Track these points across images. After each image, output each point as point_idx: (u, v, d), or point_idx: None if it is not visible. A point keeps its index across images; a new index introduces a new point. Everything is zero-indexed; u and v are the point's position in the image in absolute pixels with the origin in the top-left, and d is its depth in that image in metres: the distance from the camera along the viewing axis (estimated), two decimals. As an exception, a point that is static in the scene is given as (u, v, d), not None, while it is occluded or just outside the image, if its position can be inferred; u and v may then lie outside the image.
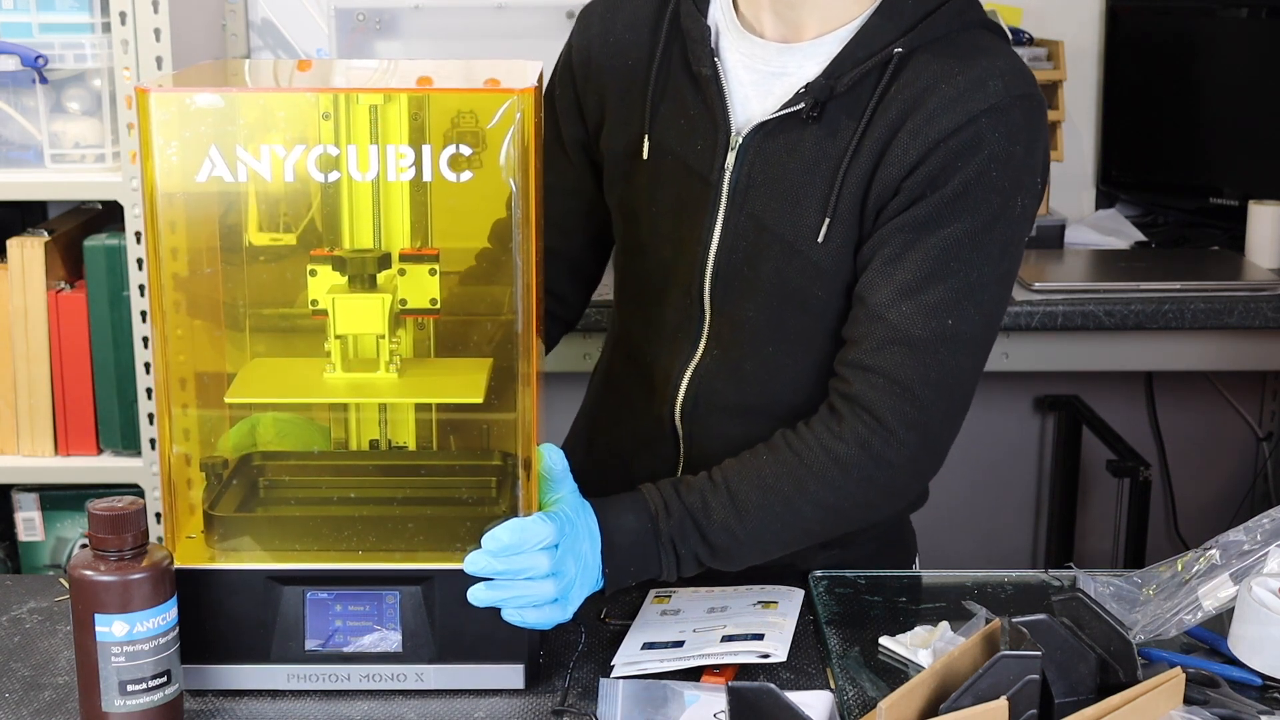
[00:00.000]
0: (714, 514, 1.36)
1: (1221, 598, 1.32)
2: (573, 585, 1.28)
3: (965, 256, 1.37)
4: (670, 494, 1.37)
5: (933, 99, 1.37)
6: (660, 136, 1.48)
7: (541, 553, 1.26)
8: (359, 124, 1.27)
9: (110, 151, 2.34)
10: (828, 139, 1.41)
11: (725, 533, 1.37)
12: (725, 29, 1.47)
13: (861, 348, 1.39)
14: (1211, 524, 3.03)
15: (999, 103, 1.36)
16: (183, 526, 1.30)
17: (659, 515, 1.35)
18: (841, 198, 1.40)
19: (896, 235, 1.38)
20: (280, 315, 1.36)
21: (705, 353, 1.50)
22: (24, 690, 1.28)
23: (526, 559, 1.25)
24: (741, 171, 1.44)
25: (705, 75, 1.45)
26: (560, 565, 1.27)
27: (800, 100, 1.40)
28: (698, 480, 1.39)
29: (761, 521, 1.37)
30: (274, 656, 1.27)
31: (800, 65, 1.43)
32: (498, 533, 1.24)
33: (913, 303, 1.37)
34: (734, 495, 1.37)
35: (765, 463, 1.39)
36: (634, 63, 1.51)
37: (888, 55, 1.39)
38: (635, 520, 1.35)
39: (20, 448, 2.42)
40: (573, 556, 1.28)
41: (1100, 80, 3.13)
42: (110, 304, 2.37)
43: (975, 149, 1.36)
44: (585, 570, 1.30)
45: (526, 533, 1.25)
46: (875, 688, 1.28)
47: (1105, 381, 3.16)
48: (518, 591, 1.25)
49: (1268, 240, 2.75)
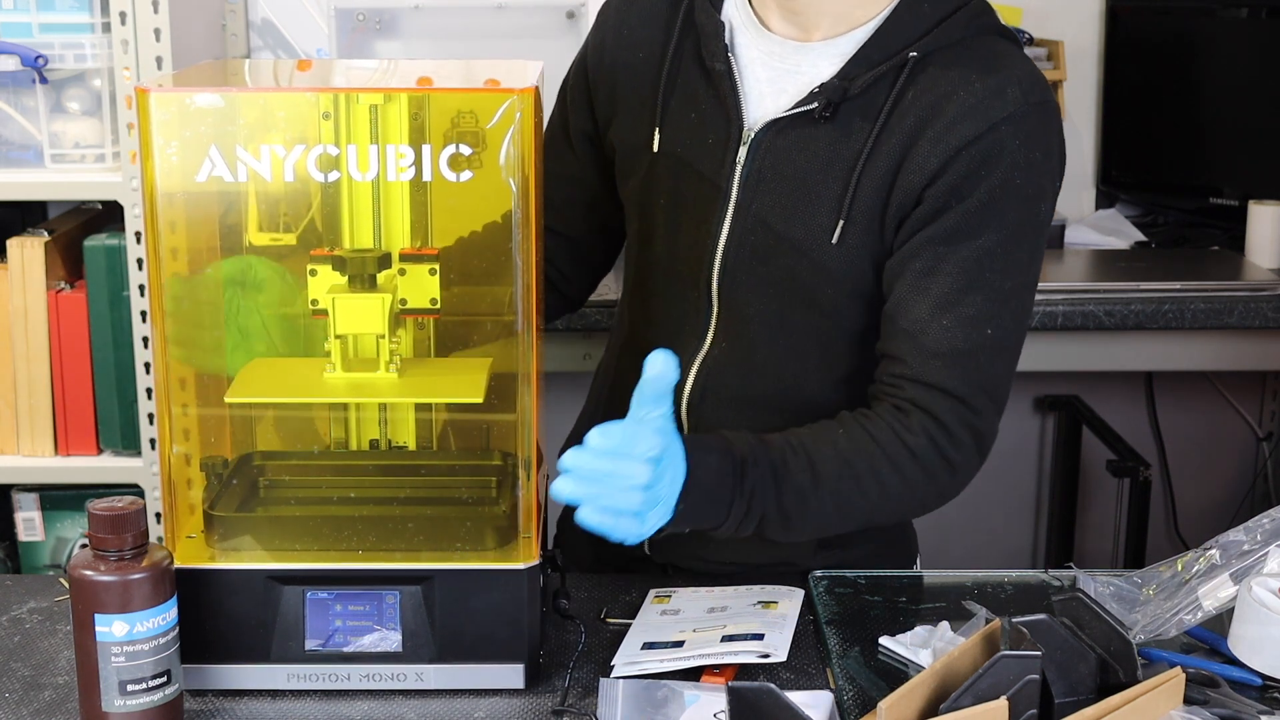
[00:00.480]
0: (793, 475, 1.35)
1: (1221, 598, 1.32)
2: (657, 504, 1.25)
3: (998, 266, 1.38)
4: (757, 446, 1.35)
5: (952, 106, 1.37)
6: (671, 131, 1.49)
7: (645, 463, 1.22)
8: (359, 124, 1.27)
9: (110, 151, 2.34)
10: (841, 140, 1.41)
11: (798, 497, 1.35)
12: (741, 25, 1.47)
13: (908, 364, 1.39)
14: (1211, 524, 3.03)
15: (1017, 110, 1.37)
16: (183, 526, 1.30)
17: (746, 463, 1.33)
18: (856, 200, 1.40)
19: (927, 249, 1.38)
20: (280, 315, 1.37)
21: (713, 345, 1.50)
22: (24, 690, 1.28)
23: (630, 465, 1.21)
24: (752, 168, 1.44)
25: (719, 70, 1.45)
26: (657, 479, 1.24)
27: (814, 100, 1.41)
28: (778, 439, 1.37)
29: (831, 493, 1.36)
30: (274, 656, 1.27)
31: (815, 64, 1.43)
32: (610, 428, 1.21)
33: (952, 316, 1.38)
34: (813, 462, 1.36)
35: (841, 437, 1.38)
36: (646, 56, 1.51)
37: (903, 59, 1.40)
38: (720, 462, 1.32)
39: (20, 448, 2.42)
40: (669, 476, 1.26)
41: (1100, 80, 3.13)
42: (110, 304, 2.37)
43: (997, 157, 1.37)
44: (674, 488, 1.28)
45: (638, 438, 1.22)
46: (875, 688, 1.28)
47: (1105, 381, 3.16)
48: (605, 490, 1.21)
49: (1268, 240, 2.75)
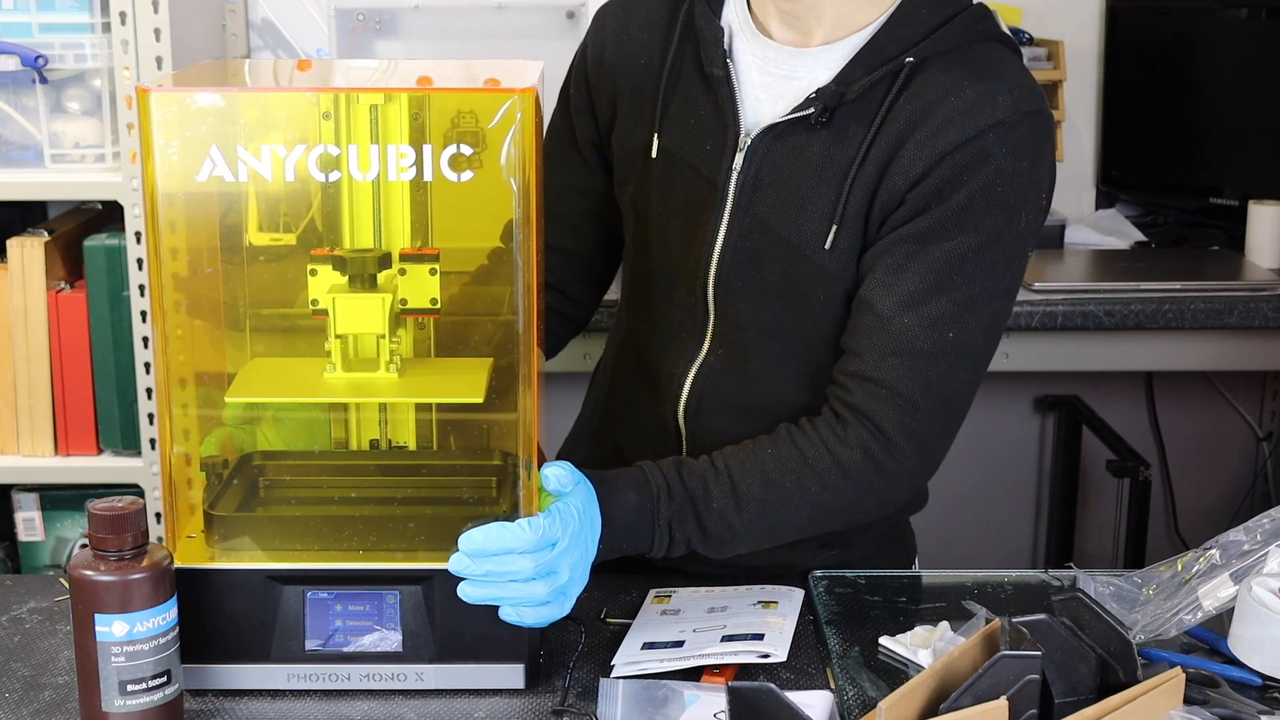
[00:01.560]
0: (714, 502, 1.37)
1: (1221, 598, 1.32)
2: (571, 584, 1.28)
3: (968, 271, 1.37)
4: (673, 476, 1.37)
5: (941, 111, 1.37)
6: (670, 136, 1.48)
7: (524, 556, 1.23)
8: (359, 124, 1.27)
9: (110, 151, 2.34)
10: (836, 145, 1.41)
11: (722, 522, 1.37)
12: (739, 30, 1.47)
13: (863, 359, 1.39)
14: (1211, 524, 3.03)
15: (1007, 118, 1.36)
16: (183, 526, 1.30)
17: (660, 497, 1.36)
18: (849, 205, 1.40)
19: (899, 246, 1.38)
20: (280, 315, 1.36)
21: (710, 352, 1.50)
22: (24, 690, 1.28)
23: (506, 561, 1.23)
24: (749, 173, 1.44)
25: (717, 76, 1.45)
26: (553, 565, 1.25)
27: (810, 105, 1.41)
28: (700, 464, 1.39)
29: (758, 514, 1.38)
30: (274, 656, 1.27)
31: (812, 70, 1.43)
32: (473, 534, 1.23)
33: (915, 315, 1.37)
34: (735, 485, 1.37)
35: (769, 456, 1.39)
36: (646, 62, 1.51)
37: (899, 64, 1.39)
38: (636, 499, 1.35)
39: (20, 448, 2.42)
40: (575, 555, 1.28)
41: (1100, 80, 3.13)
42: (110, 304, 2.37)
43: (981, 164, 1.36)
44: (585, 560, 1.29)
45: (501, 537, 1.23)
46: (875, 688, 1.28)
47: (1105, 381, 3.16)
48: (505, 592, 1.24)
49: (1268, 240, 2.75)
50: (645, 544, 1.36)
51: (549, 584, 1.25)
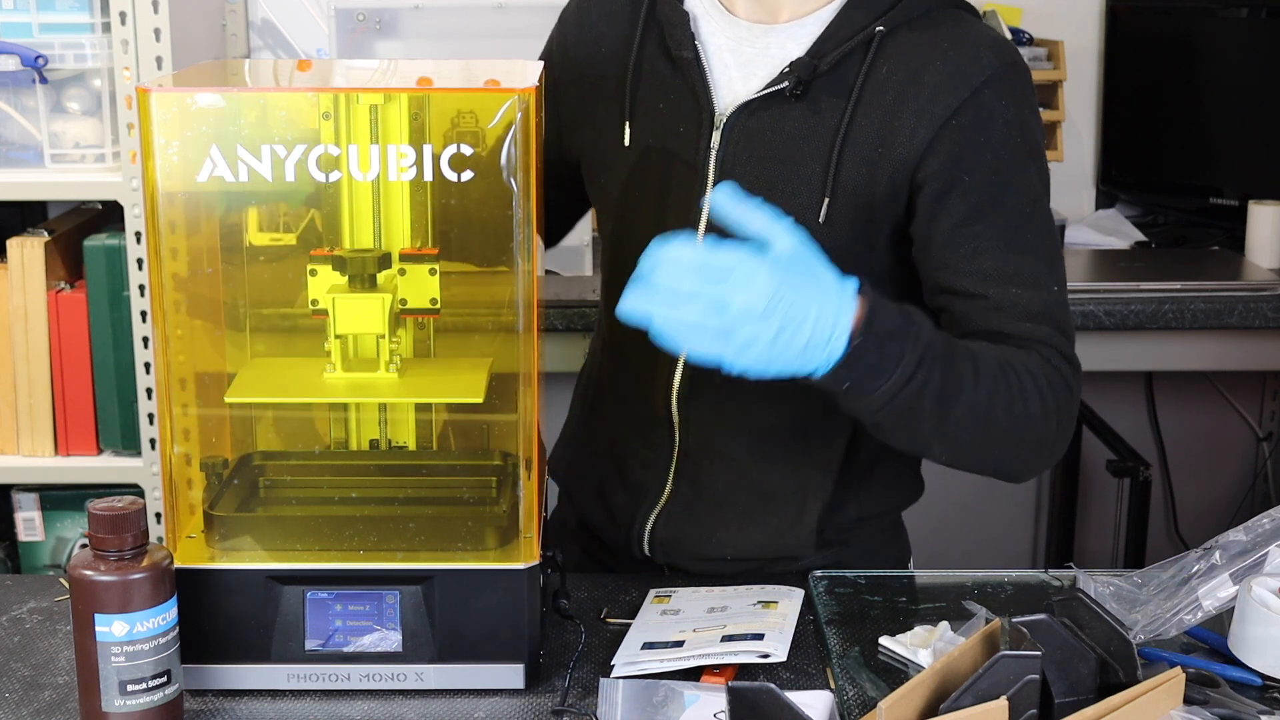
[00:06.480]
0: (958, 358, 1.30)
1: (1221, 598, 1.32)
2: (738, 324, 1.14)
3: (1035, 225, 1.40)
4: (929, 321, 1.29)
5: (929, 77, 1.39)
6: (642, 124, 1.49)
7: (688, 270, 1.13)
8: (359, 124, 1.27)
9: (110, 151, 2.34)
10: (813, 117, 1.41)
11: (957, 384, 1.29)
12: (705, 13, 1.48)
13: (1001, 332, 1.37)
14: (1211, 524, 3.03)
15: (996, 72, 1.39)
16: (183, 526, 1.30)
17: (916, 319, 1.27)
18: (840, 177, 1.40)
19: (960, 232, 1.38)
20: (280, 315, 1.37)
21: None
22: (24, 690, 1.28)
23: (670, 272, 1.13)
24: (726, 151, 1.44)
25: (686, 58, 1.46)
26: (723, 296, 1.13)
27: (784, 79, 1.41)
28: None
29: (988, 393, 1.31)
30: (274, 656, 1.27)
31: (784, 45, 1.44)
32: None
33: (1017, 285, 1.38)
34: (975, 355, 1.32)
35: (990, 348, 1.35)
36: (609, 51, 1.52)
37: (870, 34, 1.41)
38: (900, 314, 1.25)
39: (20, 448, 2.42)
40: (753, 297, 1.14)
41: (1100, 80, 3.13)
42: (110, 304, 2.37)
43: (988, 120, 1.38)
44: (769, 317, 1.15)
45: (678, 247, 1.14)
46: (875, 688, 1.28)
47: (1105, 381, 3.16)
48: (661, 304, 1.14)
49: (1268, 240, 2.75)
50: (892, 363, 1.23)
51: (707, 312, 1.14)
